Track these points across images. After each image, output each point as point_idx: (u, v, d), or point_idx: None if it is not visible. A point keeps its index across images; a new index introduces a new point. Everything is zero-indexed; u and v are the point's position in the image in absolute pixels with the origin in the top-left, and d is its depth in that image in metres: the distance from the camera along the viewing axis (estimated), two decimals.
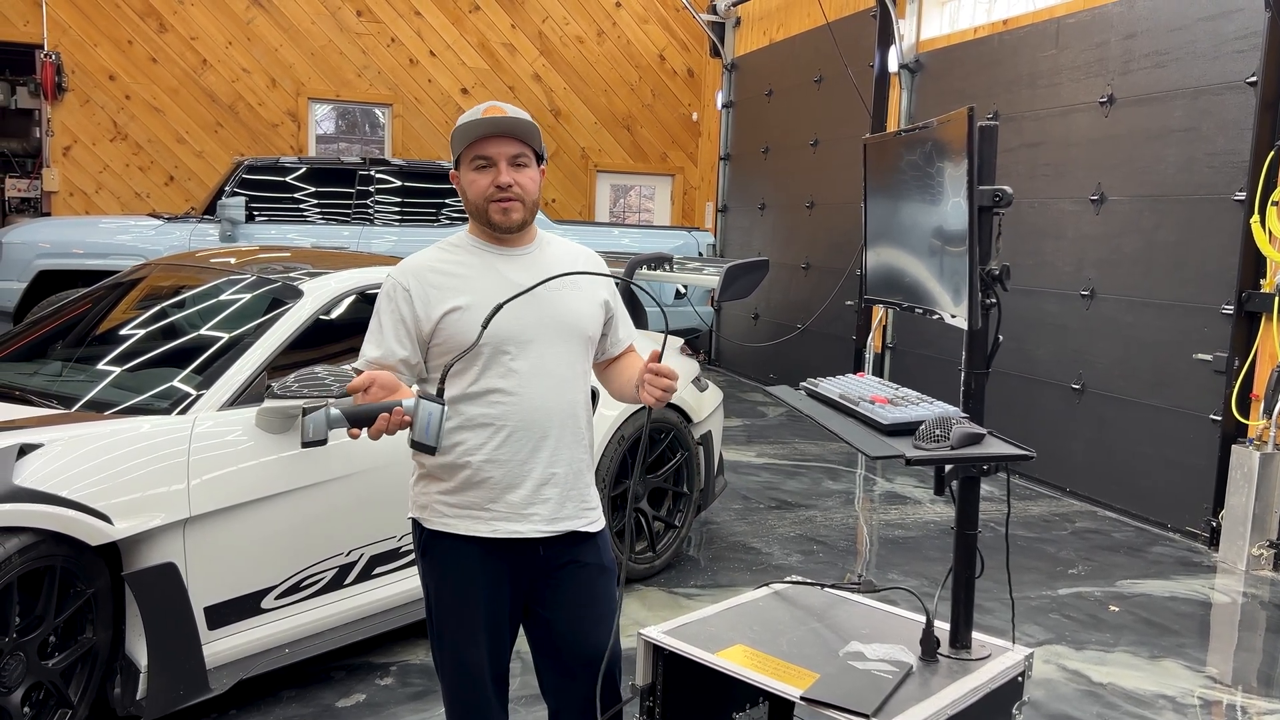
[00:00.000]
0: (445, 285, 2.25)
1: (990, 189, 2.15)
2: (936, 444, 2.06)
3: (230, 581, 3.20)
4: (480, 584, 2.28)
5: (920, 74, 8.60)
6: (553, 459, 2.28)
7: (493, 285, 2.25)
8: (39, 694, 2.87)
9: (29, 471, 2.79)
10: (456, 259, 2.30)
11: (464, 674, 2.33)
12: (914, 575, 4.97)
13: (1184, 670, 4.07)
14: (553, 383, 2.28)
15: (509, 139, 2.24)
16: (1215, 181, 5.73)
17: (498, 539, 2.26)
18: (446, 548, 2.30)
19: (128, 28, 10.66)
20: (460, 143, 2.24)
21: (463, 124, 2.25)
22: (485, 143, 2.23)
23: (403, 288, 2.25)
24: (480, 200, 2.25)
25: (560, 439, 2.30)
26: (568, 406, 2.31)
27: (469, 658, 2.31)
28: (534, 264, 2.31)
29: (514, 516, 2.26)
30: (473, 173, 2.25)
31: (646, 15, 12.67)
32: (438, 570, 2.33)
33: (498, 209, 2.24)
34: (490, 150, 2.23)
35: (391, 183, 9.09)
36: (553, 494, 2.29)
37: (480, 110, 2.25)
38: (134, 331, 3.89)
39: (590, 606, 2.35)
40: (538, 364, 2.25)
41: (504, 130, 2.22)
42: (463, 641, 2.31)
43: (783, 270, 10.42)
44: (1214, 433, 5.66)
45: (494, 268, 2.28)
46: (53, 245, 8.08)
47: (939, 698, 2.06)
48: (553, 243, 2.40)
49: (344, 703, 3.46)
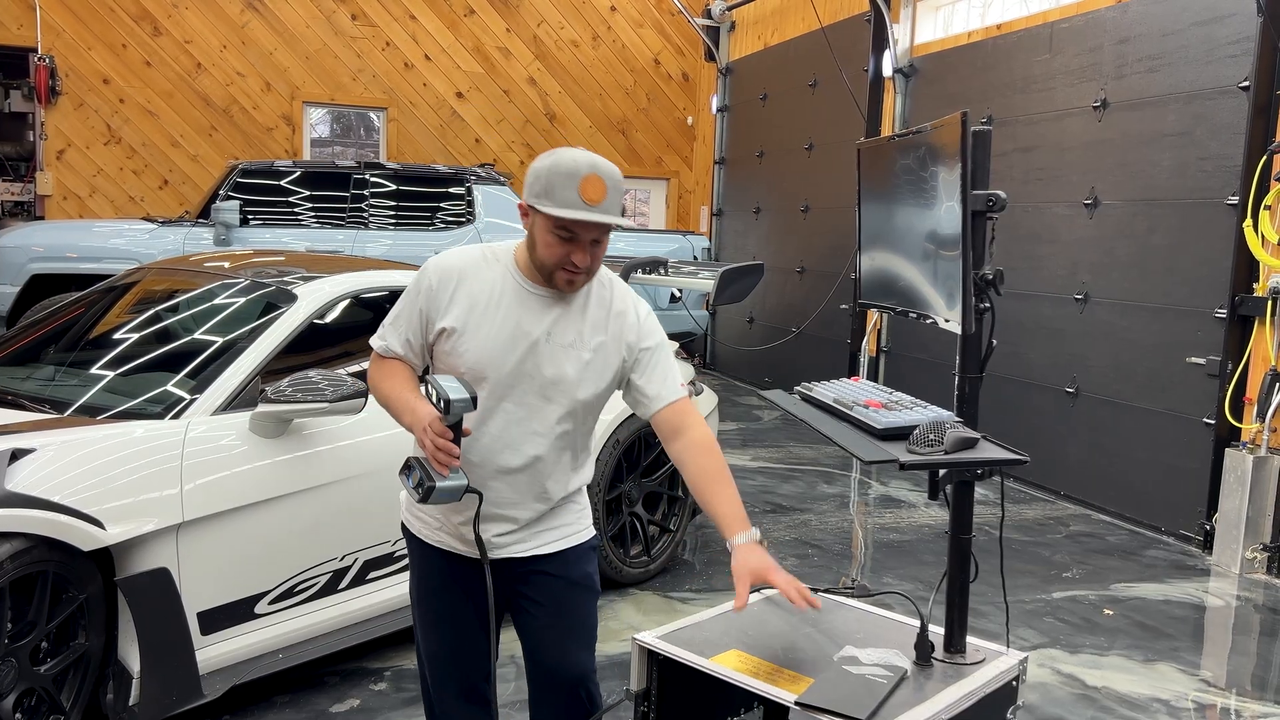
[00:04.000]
0: (459, 300, 2.22)
1: (984, 193, 2.15)
2: (930, 449, 2.06)
3: (223, 587, 3.19)
4: (457, 595, 2.35)
5: (914, 78, 8.62)
6: (499, 500, 2.27)
7: (499, 324, 2.21)
8: (31, 700, 2.85)
9: (21, 476, 2.78)
10: (490, 277, 2.23)
11: (444, 682, 2.41)
12: (909, 579, 4.97)
13: (1178, 674, 4.08)
14: (517, 435, 2.24)
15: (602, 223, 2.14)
16: (1208, 186, 5.75)
17: (450, 551, 2.35)
18: (416, 550, 2.41)
19: (122, 31, 10.64)
20: (548, 202, 2.11)
21: (560, 189, 2.09)
22: (576, 222, 2.12)
23: (430, 284, 2.24)
24: (550, 265, 2.17)
25: (515, 486, 2.27)
26: (528, 462, 2.26)
27: (434, 653, 2.42)
28: (557, 314, 2.24)
29: (460, 538, 2.31)
30: (552, 237, 2.14)
31: (641, 20, 12.68)
32: (412, 571, 2.45)
33: (564, 279, 2.19)
34: (578, 230, 2.13)
35: (386, 187, 9.08)
36: (494, 530, 2.29)
37: (578, 179, 2.09)
38: (128, 336, 3.88)
39: (557, 619, 2.35)
40: (507, 410, 2.23)
41: (600, 221, 2.12)
42: (441, 650, 2.41)
43: (777, 274, 10.42)
44: (1207, 436, 5.68)
45: (512, 306, 2.22)
46: (46, 249, 8.07)
47: (933, 702, 2.06)
48: (593, 289, 2.29)
49: (338, 708, 3.45)
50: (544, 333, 2.22)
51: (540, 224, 2.16)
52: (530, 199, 2.16)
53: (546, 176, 2.12)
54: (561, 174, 2.10)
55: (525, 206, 2.20)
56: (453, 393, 2.03)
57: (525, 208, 2.20)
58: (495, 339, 2.20)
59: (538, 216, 2.16)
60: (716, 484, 2.23)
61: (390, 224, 9.04)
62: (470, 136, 12.00)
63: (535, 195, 2.14)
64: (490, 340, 2.20)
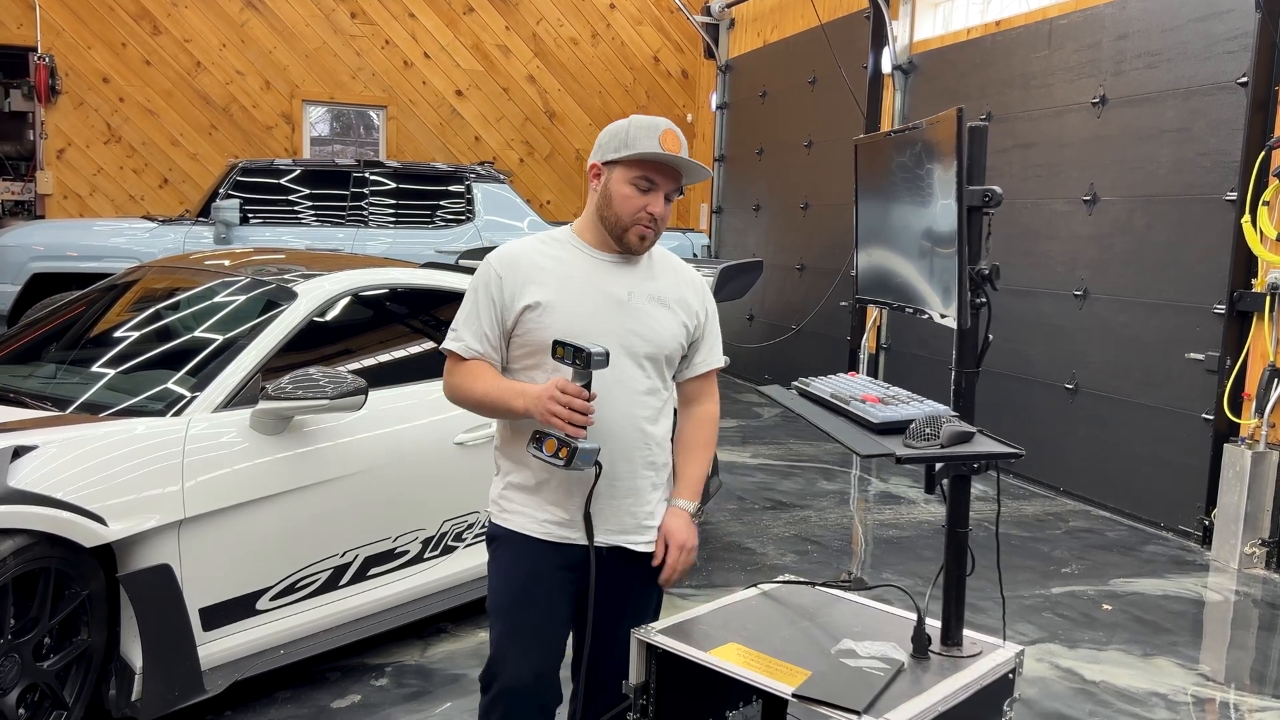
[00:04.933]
0: (534, 278, 2.25)
1: (980, 189, 2.16)
2: (926, 442, 2.08)
3: (225, 583, 3.20)
4: (534, 582, 2.30)
5: (914, 75, 8.62)
6: (612, 472, 2.27)
7: (580, 290, 2.25)
8: (34, 695, 2.87)
9: (24, 473, 2.79)
10: (555, 254, 2.30)
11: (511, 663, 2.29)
12: (908, 575, 4.99)
13: (1176, 668, 4.09)
14: (621, 396, 2.26)
15: (676, 174, 2.25)
16: (1207, 181, 5.76)
17: (551, 542, 2.29)
18: (506, 543, 2.34)
19: (121, 30, 10.65)
20: (629, 152, 2.21)
21: (641, 138, 2.21)
22: (659, 169, 2.23)
23: (496, 274, 2.27)
24: (629, 219, 2.24)
25: (624, 454, 2.29)
26: (633, 423, 2.29)
27: (516, 651, 2.30)
28: (633, 277, 2.31)
29: (567, 524, 2.28)
30: (630, 188, 2.23)
31: (641, 17, 12.69)
32: (497, 562, 2.36)
33: (638, 233, 2.25)
34: (658, 177, 2.23)
35: (386, 185, 9.09)
36: (606, 507, 2.28)
37: (659, 130, 2.22)
38: (128, 334, 3.89)
39: (636, 618, 2.37)
40: (608, 376, 2.22)
41: (680, 166, 2.24)
42: (513, 636, 2.30)
43: (777, 271, 10.43)
44: (1206, 432, 5.69)
45: (589, 274, 2.28)
46: (47, 248, 8.08)
47: (930, 694, 2.08)
48: (655, 256, 2.38)
49: (339, 704, 3.46)
50: (626, 293, 2.28)
51: (618, 177, 2.24)
52: (609, 154, 2.24)
53: (626, 130, 2.23)
54: (643, 126, 2.22)
55: (598, 166, 2.28)
56: (591, 346, 2.06)
57: (598, 168, 2.28)
58: (581, 305, 2.24)
59: (615, 170, 2.24)
60: (698, 449, 2.44)
61: (390, 222, 9.05)
62: (470, 134, 12.01)
63: (615, 149, 2.24)
64: (577, 306, 2.24)
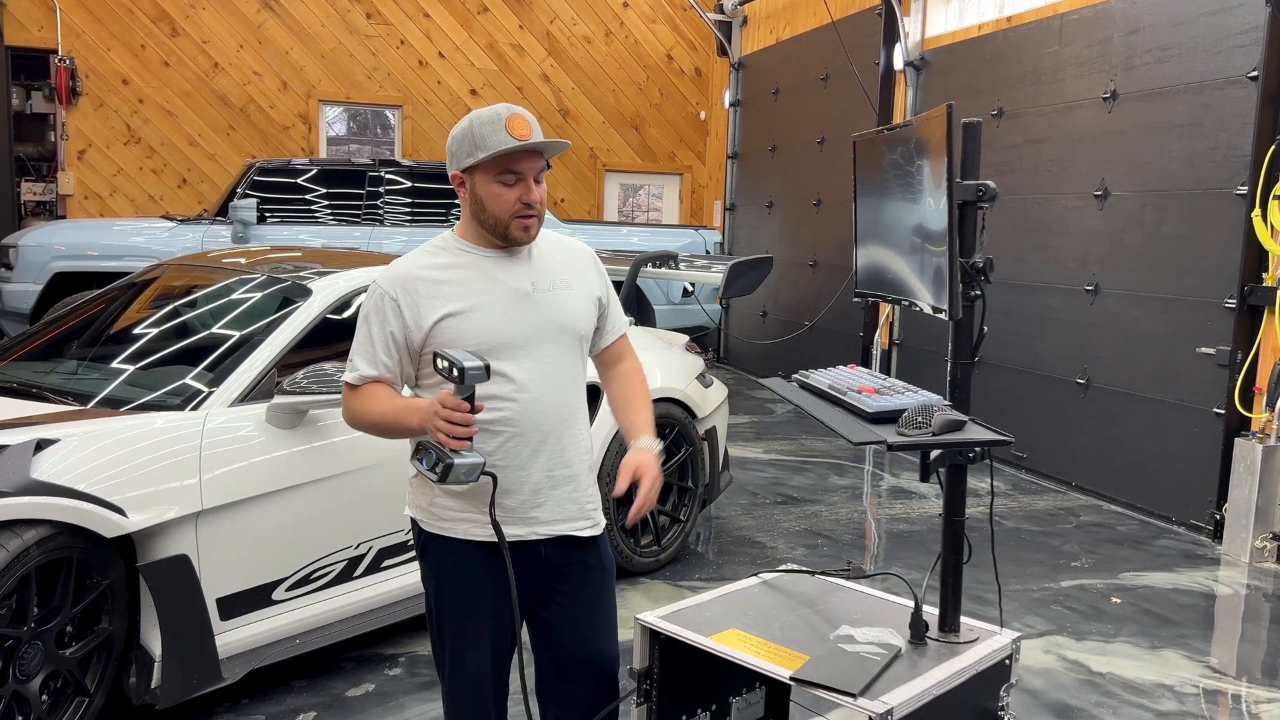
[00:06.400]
0: (436, 293, 2.21)
1: (973, 183, 2.20)
2: (918, 430, 2.12)
3: (242, 573, 3.28)
4: (483, 587, 2.26)
5: (925, 71, 8.63)
6: (552, 462, 2.27)
7: (485, 290, 2.23)
8: (56, 682, 2.95)
9: (46, 466, 2.87)
10: (445, 263, 2.25)
11: (465, 676, 2.30)
12: (916, 568, 5.02)
13: (1184, 660, 4.11)
14: (550, 385, 2.26)
15: (536, 154, 2.21)
16: (1217, 176, 5.76)
17: (492, 543, 2.23)
18: (447, 550, 2.28)
19: (140, 32, 10.78)
20: (484, 154, 2.16)
21: (489, 135, 2.15)
22: (517, 158, 2.18)
23: (390, 298, 2.21)
24: (505, 215, 2.20)
25: (560, 441, 2.28)
26: (565, 408, 2.29)
27: (471, 660, 2.29)
28: (529, 266, 2.29)
29: (513, 520, 2.24)
30: (497, 185, 2.18)
31: (654, 15, 12.73)
32: (438, 572, 2.31)
33: (520, 225, 2.21)
34: (521, 166, 2.18)
35: (401, 183, 9.18)
36: (552, 497, 2.28)
37: (502, 120, 2.16)
38: (147, 330, 3.97)
39: (593, 610, 2.36)
40: (534, 367, 2.23)
41: (536, 149, 2.19)
42: (465, 644, 2.28)
43: (790, 268, 10.46)
44: (1217, 426, 5.69)
45: (487, 272, 2.25)
46: (68, 248, 8.21)
47: (926, 678, 2.12)
48: (542, 242, 2.36)
49: (354, 692, 3.53)
50: (529, 284, 2.26)
51: (482, 180, 2.19)
52: (465, 161, 2.20)
53: (470, 132, 2.18)
54: (486, 122, 2.17)
55: (459, 176, 2.23)
56: (466, 360, 2.01)
57: (459, 177, 2.24)
58: (492, 306, 2.22)
59: (476, 175, 2.20)
60: (636, 399, 2.47)
61: (406, 220, 9.14)
62: None
63: (467, 154, 2.19)
64: (489, 308, 2.21)
